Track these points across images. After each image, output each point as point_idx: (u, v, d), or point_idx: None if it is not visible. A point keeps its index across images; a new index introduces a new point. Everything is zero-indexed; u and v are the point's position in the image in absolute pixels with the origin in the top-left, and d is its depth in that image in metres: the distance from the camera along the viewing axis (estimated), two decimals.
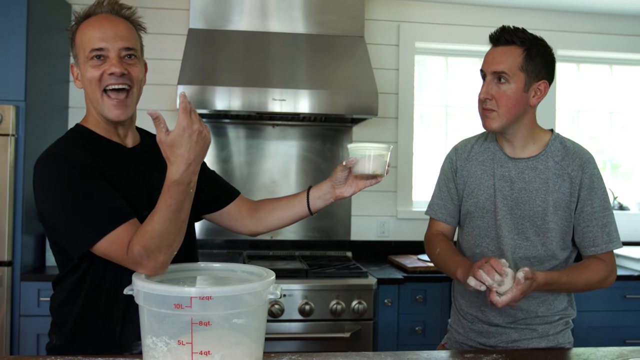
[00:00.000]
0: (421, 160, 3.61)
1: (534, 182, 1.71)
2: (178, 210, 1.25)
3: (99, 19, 1.45)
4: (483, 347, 1.77)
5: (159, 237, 1.26)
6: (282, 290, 2.50)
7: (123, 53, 1.44)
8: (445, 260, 1.76)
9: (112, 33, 1.43)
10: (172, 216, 1.25)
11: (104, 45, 1.42)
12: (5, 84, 2.60)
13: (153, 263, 1.28)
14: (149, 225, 1.27)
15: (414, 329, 2.79)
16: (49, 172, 1.37)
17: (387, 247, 3.44)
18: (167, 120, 3.37)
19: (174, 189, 1.23)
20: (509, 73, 1.65)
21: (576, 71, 3.77)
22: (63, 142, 1.47)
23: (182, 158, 1.21)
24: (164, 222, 1.26)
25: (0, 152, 2.55)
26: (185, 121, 1.20)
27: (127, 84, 1.44)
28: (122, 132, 1.54)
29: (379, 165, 1.55)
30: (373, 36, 3.45)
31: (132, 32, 1.49)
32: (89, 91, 1.45)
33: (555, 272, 1.62)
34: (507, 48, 1.67)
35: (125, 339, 1.45)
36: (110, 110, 1.44)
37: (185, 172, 1.22)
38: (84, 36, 1.44)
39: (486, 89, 1.69)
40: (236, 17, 3.09)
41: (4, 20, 2.60)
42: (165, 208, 1.25)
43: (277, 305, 2.58)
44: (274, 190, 3.34)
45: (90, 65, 1.42)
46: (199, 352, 1.17)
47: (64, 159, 1.38)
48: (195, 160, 1.23)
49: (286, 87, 2.79)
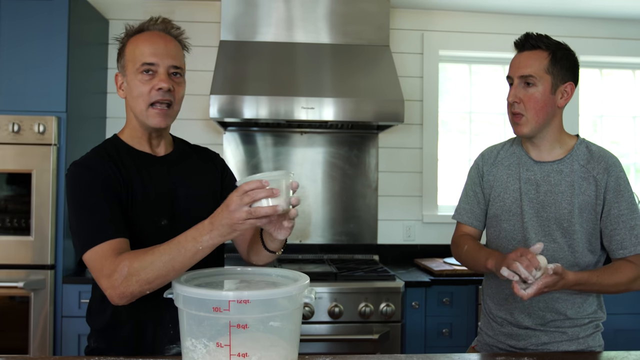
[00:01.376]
0: (445, 166, 3.66)
1: (560, 185, 1.72)
2: (181, 257, 1.29)
3: (152, 35, 1.52)
4: (513, 349, 1.77)
5: (149, 266, 1.29)
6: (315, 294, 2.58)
7: (171, 70, 1.51)
8: (474, 255, 1.77)
9: (163, 50, 1.50)
10: (172, 257, 1.29)
11: (155, 60, 1.49)
12: (49, 96, 2.72)
13: (124, 288, 1.30)
14: (150, 252, 1.30)
15: (441, 331, 2.82)
16: (69, 180, 1.47)
17: (413, 250, 3.49)
18: (198, 128, 3.48)
19: (193, 241, 1.28)
20: (535, 76, 1.68)
21: (599, 77, 3.79)
22: (93, 152, 1.55)
23: (222, 228, 1.25)
24: (164, 256, 1.29)
25: (43, 160, 2.67)
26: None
27: (170, 100, 1.51)
28: (155, 142, 1.60)
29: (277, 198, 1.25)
30: (398, 45, 3.51)
31: (181, 51, 1.57)
32: (134, 103, 1.51)
33: (586, 272, 1.61)
34: (532, 52, 1.71)
35: (158, 343, 1.51)
36: (153, 118, 1.51)
37: (211, 239, 1.27)
38: (136, 49, 1.50)
39: (514, 92, 1.72)
40: (264, 29, 3.19)
41: (46, 36, 2.72)
42: (175, 249, 1.29)
43: (307, 308, 2.63)
44: (303, 195, 3.41)
45: (139, 79, 1.49)
46: (237, 354, 1.19)
47: (84, 170, 1.47)
48: (212, 235, 1.27)
49: (313, 96, 2.86)
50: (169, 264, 1.29)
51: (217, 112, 2.82)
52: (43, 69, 2.72)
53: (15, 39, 2.71)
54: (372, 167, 3.47)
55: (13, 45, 2.71)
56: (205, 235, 1.26)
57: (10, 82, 2.71)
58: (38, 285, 2.63)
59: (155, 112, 1.50)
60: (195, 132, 3.36)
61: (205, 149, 1.78)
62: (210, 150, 1.79)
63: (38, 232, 2.66)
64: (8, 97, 2.70)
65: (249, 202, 1.20)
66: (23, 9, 2.70)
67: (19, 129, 2.65)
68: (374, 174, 3.47)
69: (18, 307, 2.63)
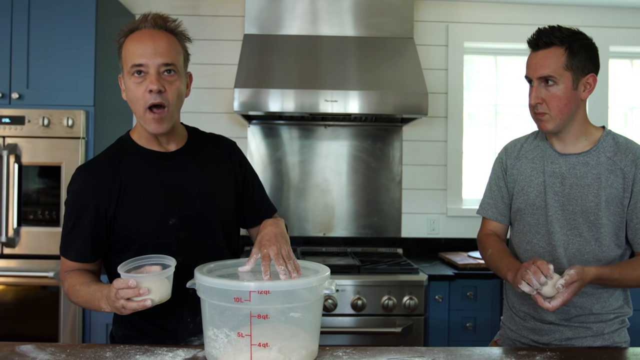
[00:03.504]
0: (471, 159, 3.63)
1: (586, 178, 1.70)
2: (93, 306, 1.45)
3: (141, 35, 1.50)
4: (536, 344, 1.76)
5: (76, 298, 1.49)
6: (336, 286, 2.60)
7: (162, 69, 1.48)
8: (497, 262, 1.76)
9: (152, 49, 1.47)
10: (86, 300, 1.47)
11: (144, 61, 1.46)
12: (77, 90, 2.78)
13: (67, 298, 1.54)
14: (80, 287, 1.49)
15: (465, 325, 2.81)
16: (69, 184, 1.58)
17: (437, 244, 3.48)
18: (223, 121, 3.52)
19: (98, 302, 1.43)
20: (555, 75, 1.64)
21: (629, 67, 3.71)
22: (102, 155, 1.61)
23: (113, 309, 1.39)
24: (84, 297, 1.47)
25: (72, 153, 2.73)
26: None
27: (162, 102, 1.48)
28: (163, 140, 1.59)
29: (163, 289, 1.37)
30: (422, 37, 3.49)
31: (174, 45, 1.52)
32: (133, 107, 1.52)
33: (608, 267, 1.59)
34: (548, 51, 1.66)
35: (178, 336, 1.55)
36: (150, 124, 1.50)
37: (109, 309, 1.39)
38: (127, 51, 1.50)
39: (535, 94, 1.68)
40: (288, 22, 3.20)
41: (74, 31, 2.78)
42: (89, 297, 1.45)
43: (330, 300, 2.65)
44: (327, 188, 3.43)
45: (132, 82, 1.49)
46: (258, 344, 1.22)
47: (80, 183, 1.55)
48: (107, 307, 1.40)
49: (337, 89, 2.87)
50: (88, 303, 1.47)
51: (240, 106, 2.84)
52: (71, 65, 2.78)
53: (44, 35, 2.77)
54: (396, 160, 3.46)
55: (42, 42, 2.77)
56: (102, 303, 1.40)
57: (40, 78, 2.77)
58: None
59: (151, 118, 1.49)
60: (219, 125, 3.40)
61: (220, 137, 1.76)
62: (227, 139, 1.77)
63: None
64: (38, 92, 2.76)
65: (120, 298, 1.30)
66: (50, 5, 2.76)
67: (49, 123, 2.72)
68: (398, 167, 3.46)
69: (49, 296, 2.70)
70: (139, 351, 1.38)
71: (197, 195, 1.58)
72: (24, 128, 2.72)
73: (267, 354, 1.23)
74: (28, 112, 2.72)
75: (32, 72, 2.77)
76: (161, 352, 1.38)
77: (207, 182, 1.61)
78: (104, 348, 1.40)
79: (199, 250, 1.56)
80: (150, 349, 1.40)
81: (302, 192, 3.43)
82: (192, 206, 1.57)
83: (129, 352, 1.37)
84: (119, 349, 1.39)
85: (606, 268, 1.59)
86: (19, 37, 2.75)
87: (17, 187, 2.70)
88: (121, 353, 1.36)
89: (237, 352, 1.24)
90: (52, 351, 1.38)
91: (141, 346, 1.43)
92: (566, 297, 1.47)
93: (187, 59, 1.61)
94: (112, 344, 1.56)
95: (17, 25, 2.75)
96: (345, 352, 1.43)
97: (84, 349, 1.40)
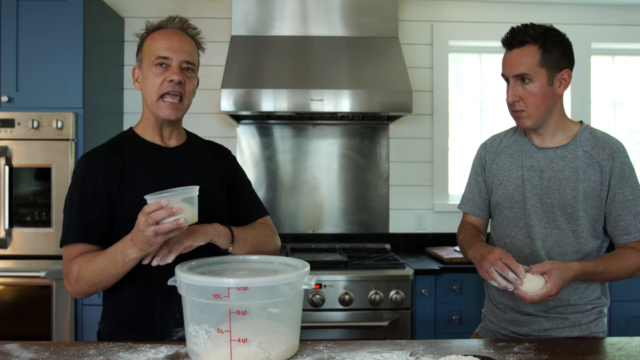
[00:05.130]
0: (460, 156, 3.67)
1: (564, 171, 1.72)
2: (114, 266, 1.46)
3: (168, 32, 1.63)
4: (515, 335, 1.79)
5: (92, 272, 1.48)
6: (323, 281, 2.66)
7: (184, 65, 1.61)
8: (464, 244, 1.83)
9: (178, 46, 1.61)
10: (106, 265, 1.46)
11: (169, 54, 1.59)
12: (66, 92, 2.81)
13: (77, 287, 1.52)
14: (94, 258, 1.48)
15: (451, 318, 2.86)
16: (73, 171, 1.64)
17: (424, 239, 3.53)
18: (212, 121, 3.55)
19: (121, 254, 1.44)
20: (530, 73, 1.66)
21: (611, 64, 3.75)
22: (105, 144, 1.68)
23: (140, 244, 1.40)
24: (101, 264, 1.47)
25: (61, 155, 2.77)
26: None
27: (181, 93, 1.61)
28: (166, 134, 1.70)
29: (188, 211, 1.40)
30: (407, 36, 3.53)
31: (195, 49, 1.67)
32: (147, 94, 1.62)
33: (591, 262, 1.61)
34: (522, 49, 1.67)
35: (164, 326, 1.59)
36: (163, 110, 1.61)
37: (135, 253, 1.42)
38: (153, 44, 1.61)
39: (512, 92, 1.70)
40: (275, 24, 3.24)
41: (63, 34, 2.81)
42: (108, 259, 1.46)
43: (318, 295, 2.69)
44: (316, 186, 3.48)
45: (153, 72, 1.59)
46: (237, 340, 1.24)
47: (84, 166, 1.60)
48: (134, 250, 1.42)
49: (324, 88, 2.91)
50: (106, 271, 1.47)
51: (227, 106, 2.88)
52: (60, 67, 2.82)
53: (33, 39, 2.80)
54: (383, 158, 3.51)
55: (31, 46, 2.81)
56: (129, 250, 1.41)
57: (30, 81, 2.81)
58: (59, 275, 2.73)
59: (165, 104, 1.60)
60: (208, 126, 3.44)
61: (218, 145, 1.86)
62: (223, 147, 1.86)
63: (59, 224, 2.74)
64: (28, 95, 2.80)
65: (152, 223, 1.33)
66: (39, 9, 2.80)
67: (39, 125, 2.75)
68: (385, 164, 3.51)
69: (41, 296, 2.74)
70: (122, 348, 1.41)
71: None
72: (14, 131, 2.76)
73: (247, 349, 1.25)
74: (18, 115, 2.76)
75: (21, 75, 2.80)
76: (144, 348, 1.41)
77: (202, 178, 1.68)
78: (88, 345, 1.43)
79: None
80: (134, 346, 1.43)
81: (292, 190, 3.48)
82: None
83: (112, 349, 1.40)
84: (103, 346, 1.42)
85: (589, 263, 1.61)
86: (8, 41, 2.79)
87: (8, 189, 2.74)
88: (104, 350, 1.39)
89: (217, 348, 1.26)
90: (36, 349, 1.40)
91: (124, 343, 1.45)
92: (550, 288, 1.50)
93: (199, 66, 1.73)
94: (99, 341, 1.61)
95: (5, 30, 2.79)
96: (326, 347, 1.45)
97: (67, 346, 1.43)
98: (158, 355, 1.37)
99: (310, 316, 2.70)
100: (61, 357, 1.36)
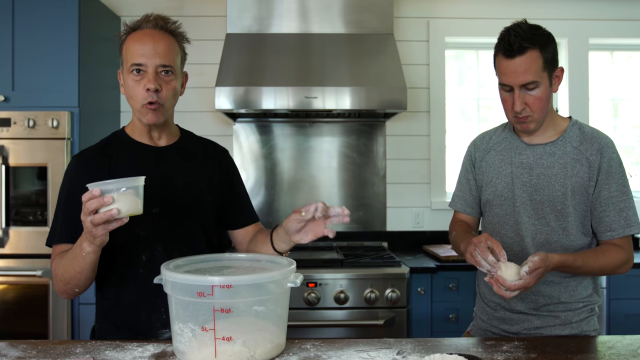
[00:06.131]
0: (461, 153, 3.64)
1: (553, 167, 1.72)
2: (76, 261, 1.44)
3: (142, 35, 1.57)
4: (506, 334, 1.78)
5: (62, 269, 1.49)
6: (319, 280, 2.65)
7: (160, 69, 1.56)
8: (457, 241, 1.82)
9: (151, 50, 1.54)
10: (71, 260, 1.46)
11: (143, 61, 1.54)
12: (62, 91, 2.82)
13: (56, 286, 1.54)
14: (65, 255, 1.50)
15: (448, 317, 2.85)
16: (65, 171, 1.65)
17: (422, 237, 3.52)
18: (208, 119, 3.55)
19: (78, 248, 1.43)
20: (537, 79, 1.63)
21: (610, 59, 3.72)
22: (95, 145, 1.69)
23: (86, 236, 1.39)
24: (67, 260, 1.47)
25: (57, 154, 2.78)
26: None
27: (158, 101, 1.57)
28: (156, 134, 1.68)
29: (127, 203, 1.34)
30: (403, 33, 3.52)
31: (173, 46, 1.60)
32: (131, 102, 1.61)
33: (571, 255, 1.60)
34: (525, 56, 1.62)
35: (150, 327, 1.59)
36: (145, 116, 1.58)
37: (88, 246, 1.39)
38: (128, 49, 1.57)
39: (520, 101, 1.65)
40: (269, 21, 3.23)
41: (58, 33, 2.82)
42: (72, 255, 1.46)
43: (313, 294, 2.69)
44: (313, 184, 3.48)
45: (131, 79, 1.56)
46: (222, 338, 1.24)
47: (73, 168, 1.62)
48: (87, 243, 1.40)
49: (319, 85, 2.90)
50: (71, 268, 1.46)
51: (222, 104, 2.88)
52: (56, 66, 2.82)
53: (29, 38, 2.81)
54: (380, 155, 3.50)
55: (27, 45, 2.81)
56: (84, 243, 1.40)
57: (25, 80, 2.82)
58: None
59: (147, 110, 1.57)
60: (205, 124, 3.44)
61: (213, 143, 1.83)
62: (218, 146, 1.84)
63: None
64: (23, 94, 2.81)
65: (88, 212, 1.31)
66: (34, 8, 2.80)
67: (35, 124, 2.76)
68: (382, 161, 3.50)
69: (38, 295, 2.75)
70: (110, 346, 1.42)
71: (181, 188, 1.65)
72: (10, 130, 2.77)
73: (231, 348, 1.25)
74: (14, 114, 2.77)
75: (17, 74, 2.81)
76: (131, 347, 1.42)
77: (191, 177, 1.68)
78: (75, 344, 1.43)
79: (179, 242, 1.62)
80: (121, 344, 1.43)
81: (289, 188, 3.48)
82: (174, 197, 1.63)
83: (99, 348, 1.40)
84: (90, 345, 1.43)
85: (570, 255, 1.60)
86: (4, 40, 2.80)
87: (4, 188, 2.75)
88: (92, 349, 1.40)
89: (202, 346, 1.26)
90: (23, 348, 1.41)
91: (112, 341, 1.46)
92: (528, 281, 1.47)
93: (184, 59, 1.69)
94: (91, 339, 1.62)
95: (1, 29, 2.80)
96: (313, 345, 1.44)
97: (55, 345, 1.43)
98: (145, 353, 1.38)
99: (305, 315, 2.70)
100: (48, 355, 1.36)
